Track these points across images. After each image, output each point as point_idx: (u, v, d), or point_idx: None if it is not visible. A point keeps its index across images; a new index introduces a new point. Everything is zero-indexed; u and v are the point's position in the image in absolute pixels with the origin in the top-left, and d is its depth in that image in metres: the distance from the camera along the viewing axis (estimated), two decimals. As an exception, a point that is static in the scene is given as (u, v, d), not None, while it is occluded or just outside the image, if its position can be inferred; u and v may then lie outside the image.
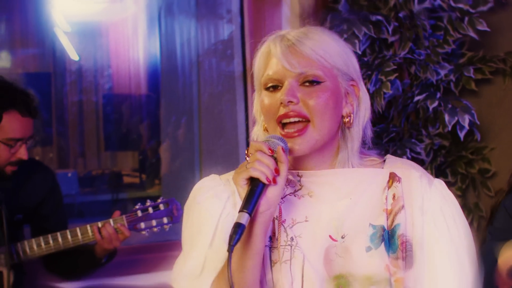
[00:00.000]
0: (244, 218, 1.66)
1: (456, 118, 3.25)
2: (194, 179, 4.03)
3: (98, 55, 5.82)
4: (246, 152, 1.78)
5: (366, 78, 3.33)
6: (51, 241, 3.03)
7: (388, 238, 1.86)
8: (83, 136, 6.07)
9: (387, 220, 1.86)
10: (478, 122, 3.33)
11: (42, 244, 3.04)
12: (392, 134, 3.43)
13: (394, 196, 1.88)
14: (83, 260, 3.16)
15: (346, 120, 1.86)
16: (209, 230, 1.90)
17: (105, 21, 5.67)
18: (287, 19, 3.79)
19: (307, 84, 1.79)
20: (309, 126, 1.79)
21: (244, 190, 1.72)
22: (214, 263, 1.85)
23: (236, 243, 1.65)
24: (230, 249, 1.65)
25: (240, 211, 1.67)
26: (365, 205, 1.88)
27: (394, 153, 3.18)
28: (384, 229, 1.85)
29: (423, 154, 3.37)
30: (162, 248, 3.83)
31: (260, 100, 1.88)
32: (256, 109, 1.94)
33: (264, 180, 1.70)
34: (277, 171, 1.72)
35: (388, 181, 1.88)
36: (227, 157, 4.17)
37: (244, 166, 1.74)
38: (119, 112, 6.07)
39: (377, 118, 3.45)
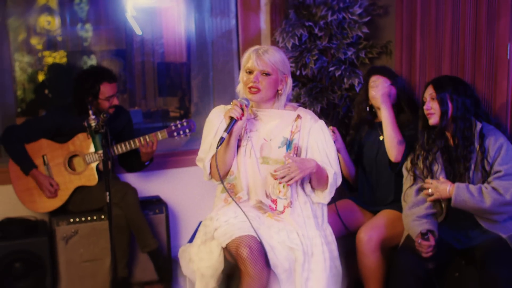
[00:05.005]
0: (225, 135, 2.52)
1: (351, 81, 4.12)
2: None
3: (154, 30, 6.20)
4: (231, 103, 2.58)
5: (306, 56, 4.05)
6: (127, 145, 3.79)
7: (289, 143, 2.68)
8: (145, 85, 6.43)
9: (290, 135, 2.68)
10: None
11: (126, 146, 3.79)
12: (318, 89, 4.21)
13: (296, 125, 2.68)
14: (136, 162, 3.92)
15: (280, 92, 2.70)
16: (213, 131, 2.73)
17: (159, 7, 6.01)
18: (264, 20, 4.42)
19: (264, 75, 2.62)
20: (260, 91, 2.63)
21: (227, 121, 2.55)
22: (215, 147, 2.66)
23: (220, 145, 2.51)
24: (217, 147, 2.55)
25: (224, 131, 2.52)
26: (282, 127, 2.70)
27: (319, 100, 4.01)
28: (288, 139, 2.69)
29: (336, 100, 4.16)
30: (185, 153, 4.48)
31: (242, 75, 2.67)
32: (240, 77, 2.72)
33: (235, 117, 2.53)
34: (242, 115, 2.55)
35: (295, 117, 2.70)
36: (229, 100, 2.81)
37: (228, 110, 2.56)
38: (168, 70, 6.32)
39: (310, 80, 4.24)
